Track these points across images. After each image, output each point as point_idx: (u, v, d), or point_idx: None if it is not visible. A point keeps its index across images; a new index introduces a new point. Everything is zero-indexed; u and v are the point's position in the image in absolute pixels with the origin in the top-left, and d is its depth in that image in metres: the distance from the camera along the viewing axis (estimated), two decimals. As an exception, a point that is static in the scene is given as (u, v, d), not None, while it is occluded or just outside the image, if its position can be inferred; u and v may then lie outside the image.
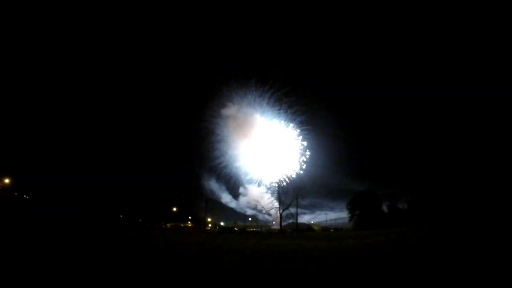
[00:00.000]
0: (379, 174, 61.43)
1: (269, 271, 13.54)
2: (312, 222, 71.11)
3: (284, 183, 59.58)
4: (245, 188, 64.32)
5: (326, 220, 68.10)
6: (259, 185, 62.58)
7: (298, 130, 60.07)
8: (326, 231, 62.70)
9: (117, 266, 13.92)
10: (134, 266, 14.18)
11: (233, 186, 64.31)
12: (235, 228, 64.53)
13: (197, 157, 64.94)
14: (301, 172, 59.03)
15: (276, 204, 60.02)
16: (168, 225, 64.08)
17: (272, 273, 13.17)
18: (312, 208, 66.69)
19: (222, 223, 71.30)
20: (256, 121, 61.09)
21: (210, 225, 70.58)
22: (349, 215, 59.61)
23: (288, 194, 59.41)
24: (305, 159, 59.05)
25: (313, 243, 29.17)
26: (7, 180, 53.48)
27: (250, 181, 62.85)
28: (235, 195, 66.13)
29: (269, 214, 63.11)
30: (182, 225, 67.13)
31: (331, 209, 65.94)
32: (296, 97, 58.93)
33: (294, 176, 59.33)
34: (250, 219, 70.14)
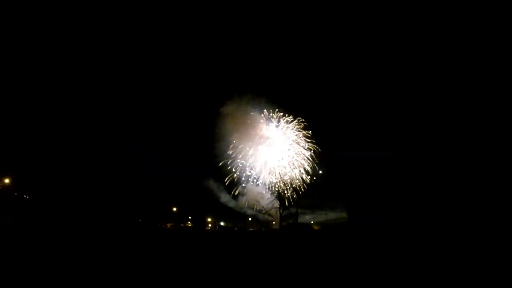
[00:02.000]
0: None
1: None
2: (312, 222, 71.06)
3: (287, 187, 59.78)
4: (244, 187, 64.22)
5: (326, 220, 68.06)
6: (258, 185, 62.63)
7: (297, 129, 60.41)
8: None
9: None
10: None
11: (233, 185, 64.21)
12: (235, 228, 64.56)
13: (197, 156, 64.93)
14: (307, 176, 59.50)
15: (276, 204, 60.14)
16: (168, 225, 64.13)
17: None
18: (312, 208, 66.63)
19: (222, 223, 71.27)
20: (256, 119, 61.12)
21: (210, 225, 70.57)
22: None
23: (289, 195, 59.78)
24: (310, 166, 59.38)
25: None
26: (7, 180, 53.43)
27: (250, 181, 62.84)
28: (235, 194, 66.01)
29: (269, 214, 63.18)
30: (182, 225, 67.18)
31: (332, 209, 65.82)
32: (295, 95, 59.30)
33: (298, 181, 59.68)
34: (250, 219, 70.09)
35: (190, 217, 70.26)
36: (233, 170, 62.18)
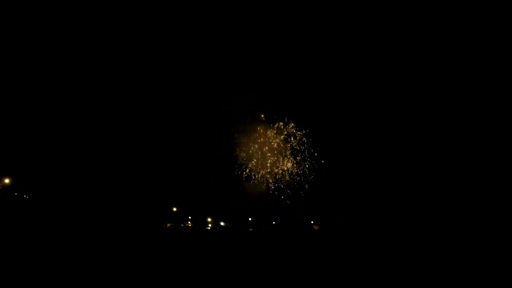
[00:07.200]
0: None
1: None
2: (312, 222, 71.13)
3: (285, 185, 59.89)
4: (244, 186, 64.21)
5: (327, 220, 68.09)
6: (257, 184, 62.65)
7: (297, 131, 60.44)
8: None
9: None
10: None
11: (233, 185, 64.21)
12: (235, 228, 64.46)
13: (196, 156, 64.92)
14: (305, 173, 59.53)
15: (276, 203, 60.16)
16: (168, 225, 64.10)
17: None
18: (312, 207, 66.63)
19: (222, 223, 71.25)
20: (256, 119, 61.16)
21: (210, 225, 70.51)
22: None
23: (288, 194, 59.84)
24: (308, 162, 59.42)
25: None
26: (7, 180, 53.39)
27: (250, 180, 62.87)
28: (235, 193, 65.97)
29: (270, 214, 63.13)
30: (182, 225, 67.13)
31: (333, 209, 65.81)
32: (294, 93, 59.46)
33: (296, 178, 59.70)
34: (250, 219, 70.17)
35: (190, 217, 70.27)
36: (233, 170, 62.23)
